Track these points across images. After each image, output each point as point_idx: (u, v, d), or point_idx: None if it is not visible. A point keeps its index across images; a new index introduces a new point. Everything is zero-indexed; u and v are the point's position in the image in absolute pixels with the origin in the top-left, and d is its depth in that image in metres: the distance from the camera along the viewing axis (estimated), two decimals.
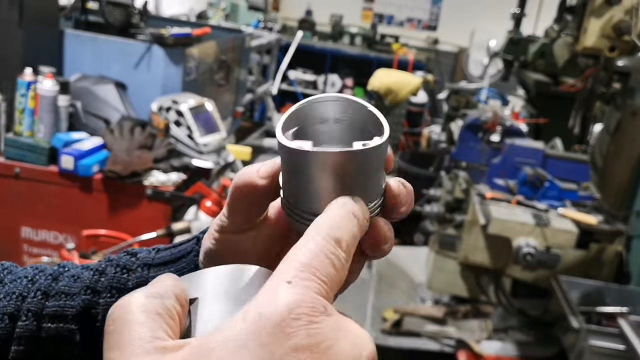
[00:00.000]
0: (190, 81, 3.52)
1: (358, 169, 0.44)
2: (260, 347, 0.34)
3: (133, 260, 0.55)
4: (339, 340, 0.35)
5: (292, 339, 0.34)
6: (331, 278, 0.38)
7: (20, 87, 2.85)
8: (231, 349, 0.34)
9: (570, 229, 2.78)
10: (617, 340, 2.37)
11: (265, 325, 0.34)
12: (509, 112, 4.48)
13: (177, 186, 2.97)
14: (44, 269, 0.57)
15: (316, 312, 0.35)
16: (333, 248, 0.39)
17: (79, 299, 0.53)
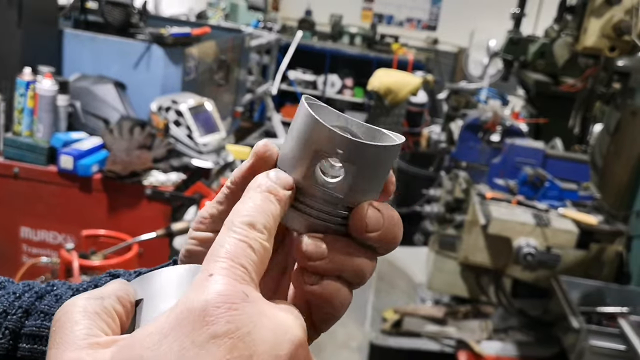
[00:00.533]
0: (189, 81, 3.52)
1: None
2: (182, 337, 0.35)
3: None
4: (259, 326, 0.36)
5: (212, 327, 0.35)
6: (251, 261, 0.40)
7: (19, 87, 2.84)
8: (154, 340, 0.36)
9: (570, 229, 2.77)
10: (617, 340, 2.37)
11: (187, 316, 0.36)
12: (509, 112, 4.47)
13: (176, 186, 2.96)
14: (33, 286, 0.57)
15: (237, 300, 0.37)
16: (247, 232, 0.41)
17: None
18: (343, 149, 0.44)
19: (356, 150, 0.44)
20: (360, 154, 0.44)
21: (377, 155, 0.45)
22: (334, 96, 8.76)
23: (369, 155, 0.45)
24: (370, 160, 0.45)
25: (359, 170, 0.45)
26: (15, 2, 2.90)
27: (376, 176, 0.47)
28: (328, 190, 0.46)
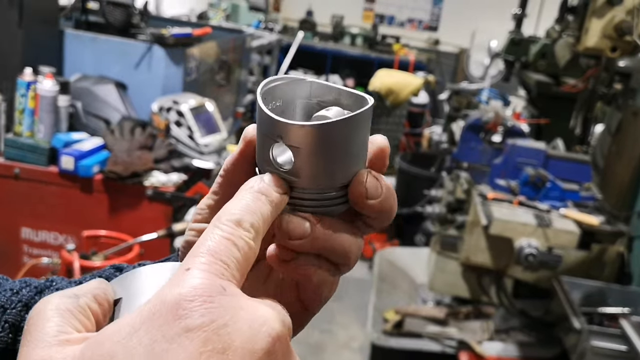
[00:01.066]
0: (190, 81, 3.52)
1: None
2: (153, 330, 0.34)
3: (117, 275, 0.55)
4: (235, 319, 0.35)
5: (185, 320, 0.34)
6: (234, 258, 0.39)
7: (20, 87, 2.84)
8: (124, 334, 0.34)
9: (572, 230, 2.77)
10: (618, 341, 2.36)
11: (160, 310, 0.34)
12: (510, 112, 4.47)
13: (177, 187, 2.96)
14: (30, 283, 0.57)
15: (213, 293, 0.35)
16: (233, 230, 0.40)
17: None
18: (282, 133, 0.42)
19: (293, 132, 0.42)
20: (299, 135, 0.42)
21: (321, 136, 0.42)
22: None
23: (309, 136, 0.42)
24: (317, 140, 0.42)
25: (309, 154, 0.42)
26: (16, 2, 2.90)
27: (337, 156, 0.43)
28: (286, 174, 0.44)
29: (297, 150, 0.42)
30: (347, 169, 0.44)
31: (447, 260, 3.25)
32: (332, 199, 0.45)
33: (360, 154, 0.45)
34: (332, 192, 0.45)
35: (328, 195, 0.45)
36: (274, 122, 0.42)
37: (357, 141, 0.44)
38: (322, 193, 0.45)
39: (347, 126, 0.42)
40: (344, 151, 0.43)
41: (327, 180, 0.44)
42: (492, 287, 3.12)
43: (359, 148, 0.44)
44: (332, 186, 0.44)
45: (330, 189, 0.45)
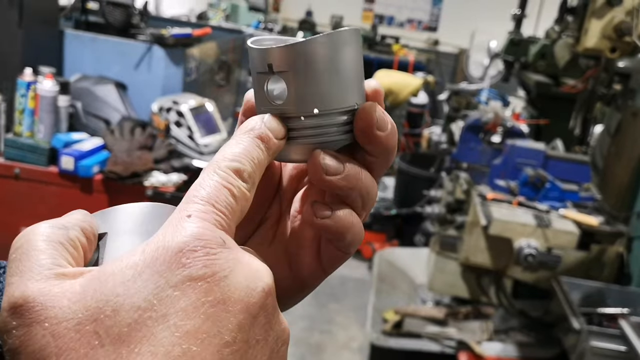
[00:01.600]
0: (190, 82, 3.52)
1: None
2: (156, 275, 0.34)
3: None
4: (234, 272, 0.36)
5: (188, 269, 0.35)
6: (231, 209, 0.39)
7: (20, 88, 2.85)
8: (127, 276, 0.35)
9: (571, 230, 2.77)
10: (618, 341, 2.36)
11: (163, 255, 0.35)
12: (510, 113, 4.47)
13: (177, 187, 2.96)
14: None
15: (214, 245, 0.36)
16: (232, 179, 0.40)
17: None
18: (270, 60, 0.43)
19: (277, 56, 0.43)
20: (284, 58, 0.43)
21: (307, 53, 0.42)
22: None
23: (294, 55, 0.42)
24: (302, 60, 0.42)
25: (297, 75, 0.43)
26: (16, 2, 2.90)
27: (330, 74, 0.43)
28: (282, 107, 0.44)
29: (287, 74, 0.43)
30: (341, 92, 0.44)
31: (446, 261, 3.25)
32: (332, 126, 0.45)
33: (353, 80, 0.45)
34: (332, 120, 0.44)
35: (328, 123, 0.45)
36: (262, 52, 0.43)
37: (344, 63, 0.44)
38: (321, 121, 0.44)
39: (330, 44, 0.43)
40: (331, 71, 0.43)
41: (320, 103, 0.44)
42: (492, 288, 3.13)
43: (349, 71, 0.44)
44: (328, 112, 0.44)
45: (329, 116, 0.44)
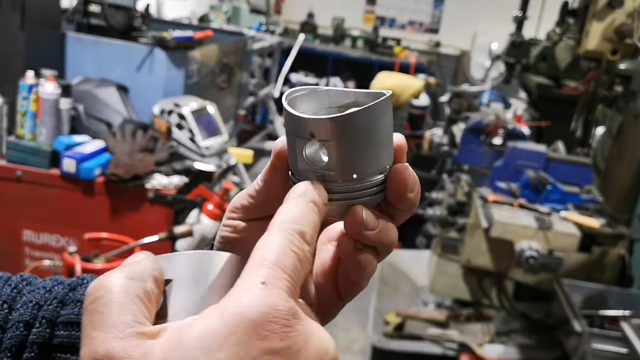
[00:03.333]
0: (192, 84, 3.53)
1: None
2: (236, 346, 0.36)
3: None
4: (307, 344, 0.38)
5: (267, 342, 0.36)
6: (297, 273, 0.40)
7: (22, 90, 2.85)
8: (208, 343, 0.36)
9: (572, 232, 2.77)
10: (619, 343, 2.36)
11: (243, 325, 0.36)
12: (511, 115, 4.47)
13: (179, 189, 2.96)
14: (62, 281, 0.58)
15: (289, 316, 0.37)
16: (299, 242, 0.41)
17: None
18: (313, 130, 0.45)
19: (319, 127, 0.45)
20: (327, 128, 0.45)
21: (348, 124, 0.45)
22: None
23: (338, 126, 0.45)
24: (345, 131, 0.45)
25: (340, 144, 0.45)
26: (18, 5, 2.91)
27: (367, 141, 0.46)
28: (322, 170, 0.47)
29: (329, 143, 0.45)
30: (377, 156, 0.47)
31: (448, 263, 3.25)
32: (367, 188, 0.48)
33: (387, 144, 0.48)
34: (367, 182, 0.47)
35: (363, 186, 0.47)
36: (304, 121, 0.45)
37: (381, 130, 0.47)
38: (358, 184, 0.47)
39: (371, 114, 0.45)
40: (371, 139, 0.46)
41: (360, 169, 0.47)
42: (493, 290, 3.12)
43: (384, 137, 0.47)
44: (366, 175, 0.47)
45: (365, 179, 0.47)
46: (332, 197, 0.47)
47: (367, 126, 0.45)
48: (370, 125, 0.46)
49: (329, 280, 0.53)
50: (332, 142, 0.45)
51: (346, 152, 0.46)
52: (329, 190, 0.47)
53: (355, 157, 0.46)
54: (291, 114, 0.46)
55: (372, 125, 0.46)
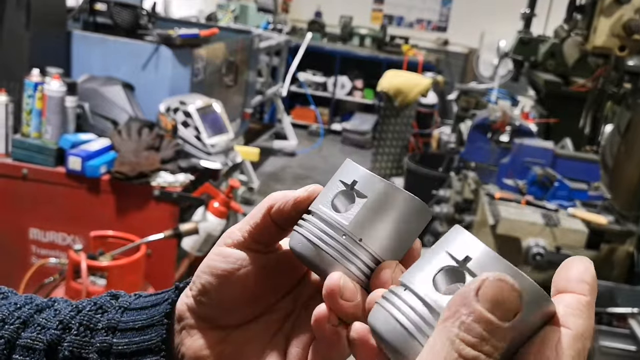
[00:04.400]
0: (198, 82, 3.53)
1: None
2: None
3: (112, 303, 0.55)
4: None
5: None
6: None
7: (27, 88, 2.86)
8: None
9: (580, 229, 2.75)
10: (627, 341, 2.34)
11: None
12: (519, 112, 4.45)
13: (184, 187, 2.96)
14: (34, 300, 0.57)
15: None
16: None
17: (49, 333, 0.52)
18: (357, 178, 0.47)
19: (367, 181, 0.47)
20: (372, 186, 0.46)
21: (390, 195, 0.46)
22: (344, 97, 8.75)
23: (381, 190, 0.46)
24: (383, 197, 0.46)
25: (370, 204, 0.46)
26: (24, 3, 2.92)
27: (390, 223, 0.46)
28: (337, 216, 0.47)
29: (362, 198, 0.46)
30: (388, 242, 0.47)
31: None
32: (361, 260, 0.47)
33: (402, 244, 0.48)
34: (364, 255, 0.46)
35: (359, 256, 0.46)
36: (357, 170, 0.48)
37: (408, 227, 0.47)
38: (356, 248, 0.46)
39: (410, 205, 0.47)
40: (397, 225, 0.47)
41: (368, 237, 0.46)
42: None
43: (405, 235, 0.47)
44: (368, 248, 0.46)
45: (365, 250, 0.46)
46: (327, 247, 0.46)
47: (401, 211, 0.46)
48: (405, 213, 0.47)
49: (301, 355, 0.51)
50: (366, 199, 0.46)
51: (370, 214, 0.46)
52: (330, 237, 0.46)
53: (373, 224, 0.46)
54: (350, 163, 0.49)
55: (406, 216, 0.47)
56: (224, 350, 0.52)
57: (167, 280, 2.89)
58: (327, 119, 8.63)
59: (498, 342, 0.35)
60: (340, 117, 8.82)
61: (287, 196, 0.50)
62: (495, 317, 0.35)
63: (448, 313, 0.36)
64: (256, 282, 0.51)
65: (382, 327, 0.40)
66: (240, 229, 0.51)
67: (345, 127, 8.32)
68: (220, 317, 0.52)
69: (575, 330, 0.38)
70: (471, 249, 0.39)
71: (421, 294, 0.39)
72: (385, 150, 6.35)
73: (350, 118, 8.55)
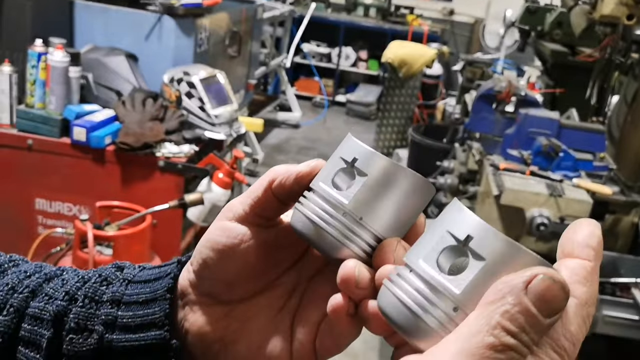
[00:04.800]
0: (201, 52, 3.51)
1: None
2: None
3: (117, 274, 0.55)
4: None
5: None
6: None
7: (31, 59, 2.85)
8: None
9: (584, 200, 2.74)
10: (630, 310, 2.36)
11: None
12: (525, 82, 4.41)
13: (189, 158, 2.97)
14: (44, 268, 0.57)
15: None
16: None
17: (56, 303, 0.52)
18: (358, 155, 0.46)
19: (368, 158, 0.46)
20: (372, 164, 0.46)
21: (391, 172, 0.46)
22: (349, 69, 8.69)
23: (381, 167, 0.46)
24: (384, 175, 0.46)
25: (371, 182, 0.46)
26: None
27: (391, 200, 0.46)
28: (338, 195, 0.46)
29: (362, 176, 0.46)
30: (388, 220, 0.47)
31: None
32: (362, 239, 0.47)
33: (403, 222, 0.47)
34: (365, 234, 0.46)
35: (361, 235, 0.46)
36: (357, 147, 0.47)
37: (411, 201, 0.47)
38: (357, 227, 0.46)
39: (412, 182, 0.46)
40: (397, 202, 0.46)
41: (369, 216, 0.46)
42: None
43: (406, 213, 0.47)
44: (368, 226, 0.46)
45: (365, 229, 0.46)
46: (328, 227, 0.46)
47: (403, 188, 0.46)
48: (406, 191, 0.46)
49: (308, 334, 0.51)
50: (367, 177, 0.46)
51: (371, 192, 0.46)
52: (330, 216, 0.46)
53: (374, 202, 0.46)
54: (351, 139, 0.48)
55: (408, 193, 0.46)
56: (229, 326, 0.52)
57: (173, 250, 2.91)
58: (331, 90, 8.59)
59: (536, 335, 0.36)
60: (344, 89, 8.78)
61: (289, 171, 0.49)
62: (540, 313, 0.36)
63: (493, 297, 0.37)
64: (258, 256, 0.51)
65: (390, 310, 0.41)
66: (242, 202, 0.51)
67: (349, 98, 8.28)
68: (223, 292, 0.52)
69: (580, 298, 0.38)
70: (472, 227, 0.39)
71: (426, 276, 0.40)
72: (389, 122, 6.33)
73: (355, 89, 8.51)
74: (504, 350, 0.35)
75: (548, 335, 0.37)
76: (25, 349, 0.52)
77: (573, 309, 0.38)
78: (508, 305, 0.36)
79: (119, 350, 0.51)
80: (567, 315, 0.38)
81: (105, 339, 0.51)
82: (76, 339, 0.51)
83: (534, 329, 0.36)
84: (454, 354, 0.36)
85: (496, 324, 0.36)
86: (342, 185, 0.47)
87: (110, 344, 0.51)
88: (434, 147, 5.09)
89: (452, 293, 0.39)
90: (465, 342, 0.36)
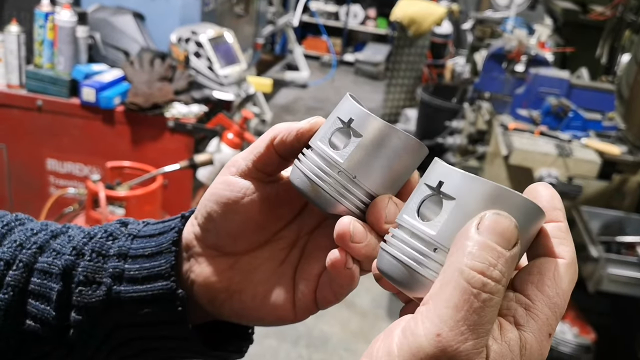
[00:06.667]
0: (209, 11, 3.48)
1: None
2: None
3: (122, 230, 0.57)
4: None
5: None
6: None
7: (38, 18, 2.84)
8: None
9: (592, 159, 2.75)
10: (635, 268, 2.38)
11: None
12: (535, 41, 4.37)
13: (198, 118, 2.97)
14: (49, 226, 0.59)
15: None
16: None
17: (64, 258, 0.55)
18: (354, 116, 0.48)
19: (363, 120, 0.48)
20: (367, 125, 0.48)
21: (384, 134, 0.48)
22: (357, 27, 8.60)
23: (376, 129, 0.48)
24: (378, 136, 0.48)
25: (365, 143, 0.48)
26: None
27: (384, 160, 0.48)
28: (333, 152, 0.48)
29: (357, 137, 0.48)
30: (382, 178, 0.49)
31: None
32: (356, 197, 0.49)
33: (396, 180, 0.50)
34: (359, 192, 0.49)
35: (355, 192, 0.49)
36: (353, 108, 0.49)
37: (403, 161, 0.49)
38: (351, 185, 0.48)
39: (405, 143, 0.48)
40: (390, 161, 0.48)
41: (363, 174, 0.48)
42: None
43: (399, 172, 0.49)
44: (362, 184, 0.49)
45: (359, 187, 0.49)
46: (324, 184, 0.48)
47: (396, 149, 0.48)
48: (399, 151, 0.48)
49: (309, 285, 0.54)
50: (361, 138, 0.48)
51: (365, 152, 0.48)
52: (326, 174, 0.48)
53: (367, 162, 0.48)
54: (349, 99, 0.50)
55: (401, 153, 0.48)
56: (233, 277, 0.54)
57: (183, 210, 2.94)
58: (339, 49, 8.52)
59: (504, 267, 0.38)
60: (352, 48, 8.70)
61: (290, 128, 0.51)
62: (498, 244, 0.38)
63: (453, 248, 0.39)
64: (260, 210, 0.53)
65: (387, 268, 0.43)
66: (245, 158, 0.53)
67: (358, 57, 8.21)
68: (227, 245, 0.54)
69: (567, 258, 0.41)
70: (445, 175, 0.42)
71: (411, 229, 0.42)
72: (398, 82, 6.29)
73: (363, 48, 8.43)
74: (480, 290, 0.37)
75: (543, 293, 0.40)
76: (36, 301, 0.54)
77: (563, 268, 0.41)
78: (468, 247, 0.38)
79: (127, 301, 0.53)
80: (559, 275, 0.41)
81: (113, 291, 0.53)
82: (85, 291, 0.53)
83: (500, 261, 0.38)
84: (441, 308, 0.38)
85: (464, 267, 0.38)
86: (339, 144, 0.49)
87: (119, 295, 0.53)
88: (443, 107, 5.07)
89: (429, 235, 0.41)
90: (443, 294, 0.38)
